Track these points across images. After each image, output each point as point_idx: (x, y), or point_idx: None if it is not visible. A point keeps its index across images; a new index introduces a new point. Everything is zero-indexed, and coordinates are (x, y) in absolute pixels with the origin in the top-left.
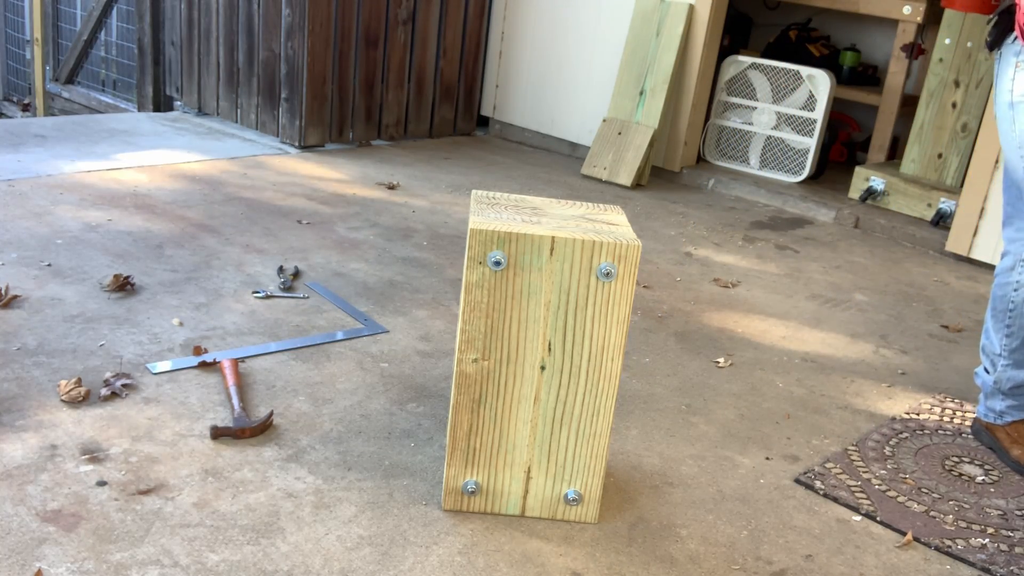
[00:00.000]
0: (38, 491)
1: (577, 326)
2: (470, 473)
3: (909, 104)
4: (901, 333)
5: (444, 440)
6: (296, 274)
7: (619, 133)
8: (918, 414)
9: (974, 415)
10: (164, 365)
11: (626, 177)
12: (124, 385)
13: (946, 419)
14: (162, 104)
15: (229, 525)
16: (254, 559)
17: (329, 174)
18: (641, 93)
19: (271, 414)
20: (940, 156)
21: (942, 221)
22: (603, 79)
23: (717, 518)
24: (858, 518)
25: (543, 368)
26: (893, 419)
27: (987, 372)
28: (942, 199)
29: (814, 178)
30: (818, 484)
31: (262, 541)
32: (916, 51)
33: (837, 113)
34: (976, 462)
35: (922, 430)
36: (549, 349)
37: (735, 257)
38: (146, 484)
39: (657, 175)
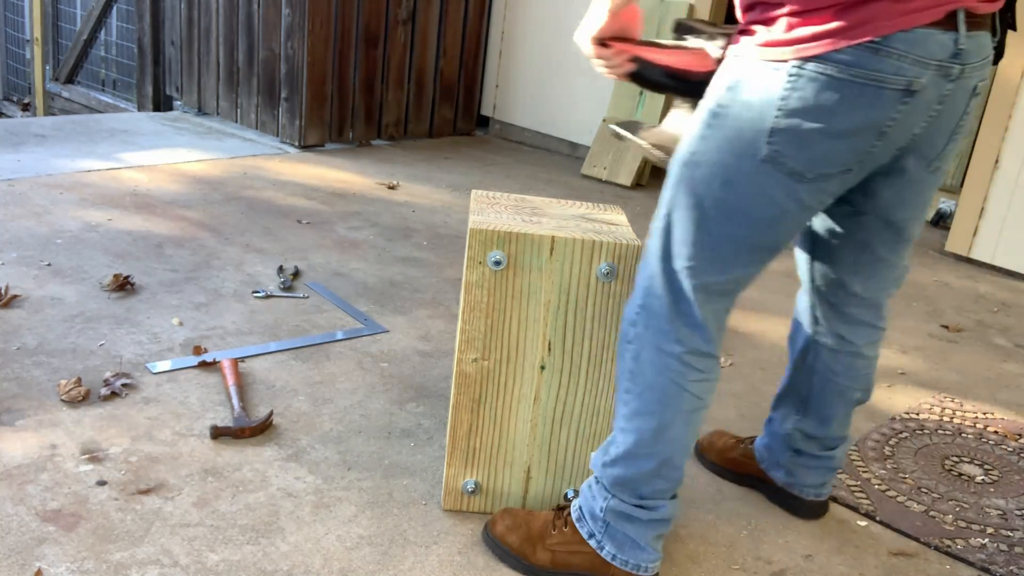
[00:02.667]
0: (38, 491)
1: (577, 326)
2: (470, 473)
3: None
4: (901, 333)
5: (444, 440)
6: (296, 274)
7: None
8: (918, 414)
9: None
10: (164, 365)
11: (626, 177)
12: (124, 385)
13: (946, 419)
14: (162, 104)
15: (229, 525)
16: (254, 559)
17: (329, 174)
18: (641, 93)
19: (271, 414)
20: None
21: (942, 221)
22: (603, 79)
23: (717, 518)
24: (858, 518)
25: (543, 368)
26: (893, 419)
27: None
28: (942, 199)
29: None
30: None
31: (262, 541)
32: None
33: None
34: (976, 462)
35: (922, 430)
36: (549, 349)
37: None
38: (146, 484)
39: (657, 175)
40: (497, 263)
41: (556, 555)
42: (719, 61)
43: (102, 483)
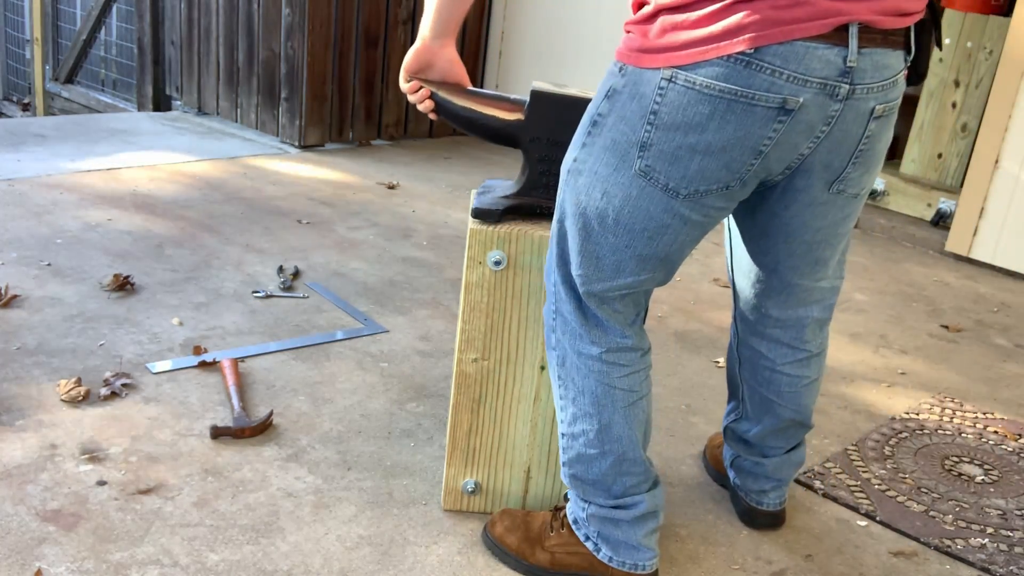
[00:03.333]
0: (38, 491)
1: None
2: (470, 473)
3: (909, 104)
4: (901, 333)
5: (444, 440)
6: (296, 274)
7: None
8: (918, 414)
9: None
10: (164, 365)
11: None
12: (124, 385)
13: (946, 419)
14: (162, 104)
15: (229, 525)
16: (254, 559)
17: (329, 174)
18: None
19: (271, 414)
20: (940, 156)
21: (942, 221)
22: (601, 80)
23: (717, 518)
24: (858, 518)
25: (543, 368)
26: (893, 419)
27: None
28: (942, 199)
29: None
30: (818, 484)
31: (262, 541)
32: None
33: None
34: (976, 462)
35: (922, 430)
36: None
37: None
38: (146, 484)
39: None
40: (497, 263)
41: (555, 556)
42: (525, 110)
43: (102, 483)
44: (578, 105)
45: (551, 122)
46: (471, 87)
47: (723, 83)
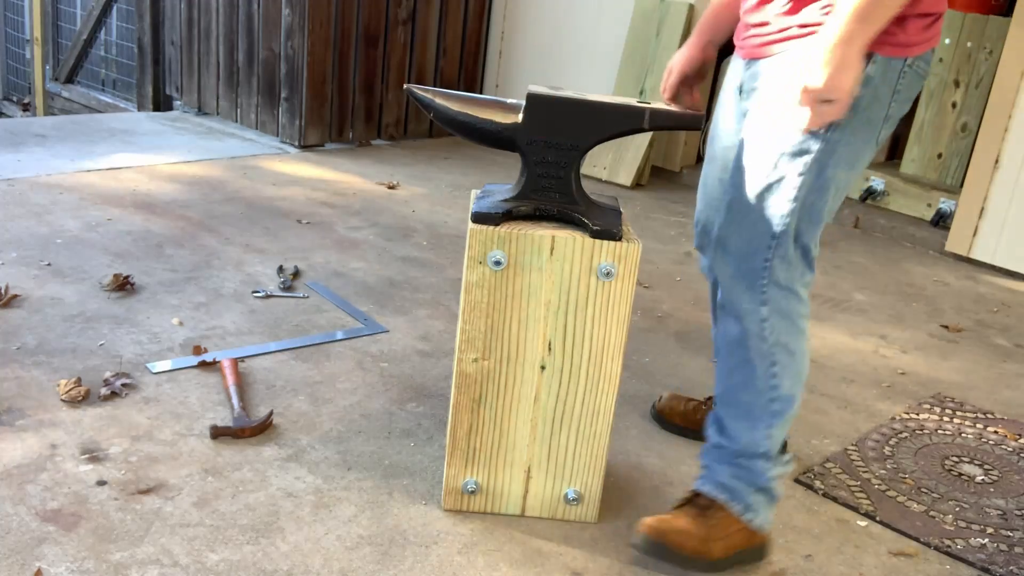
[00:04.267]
0: (38, 491)
1: (577, 326)
2: (470, 473)
3: None
4: (901, 333)
5: (444, 440)
6: (296, 274)
7: None
8: (918, 414)
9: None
10: (164, 365)
11: (626, 177)
12: (124, 385)
13: (946, 419)
14: (162, 104)
15: (229, 525)
16: (254, 559)
17: (329, 174)
18: (641, 92)
19: (271, 414)
20: (940, 156)
21: (942, 221)
22: (603, 79)
23: None
24: (858, 518)
25: (543, 368)
26: (893, 419)
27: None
28: (942, 199)
29: None
30: (818, 484)
31: (262, 541)
32: None
33: None
34: (976, 462)
35: (922, 430)
36: (549, 349)
37: None
38: (146, 484)
39: (657, 175)
40: (497, 263)
41: (725, 542)
42: (522, 114)
43: (102, 483)
44: (575, 107)
45: (548, 124)
46: (467, 93)
47: (927, 67)
